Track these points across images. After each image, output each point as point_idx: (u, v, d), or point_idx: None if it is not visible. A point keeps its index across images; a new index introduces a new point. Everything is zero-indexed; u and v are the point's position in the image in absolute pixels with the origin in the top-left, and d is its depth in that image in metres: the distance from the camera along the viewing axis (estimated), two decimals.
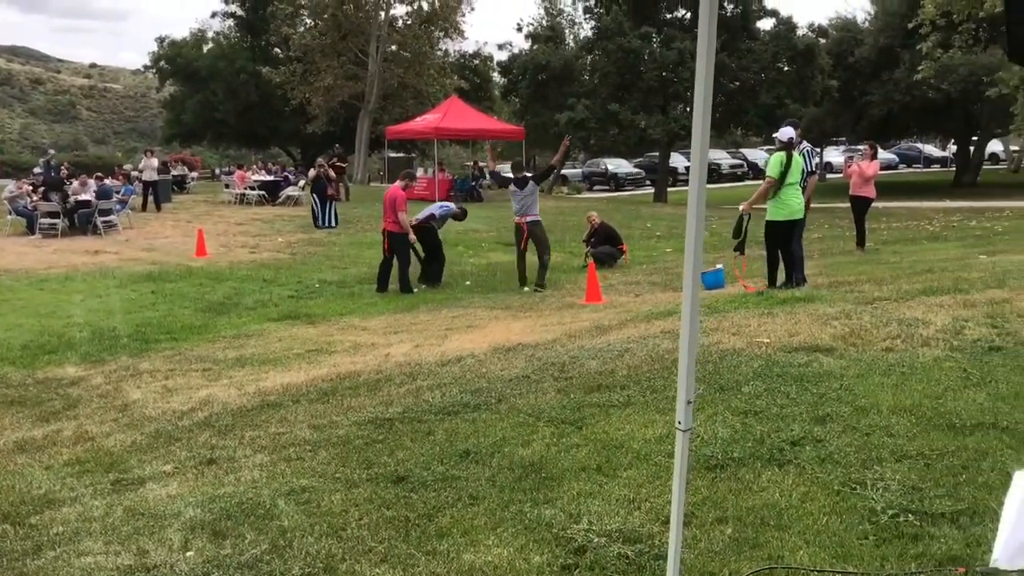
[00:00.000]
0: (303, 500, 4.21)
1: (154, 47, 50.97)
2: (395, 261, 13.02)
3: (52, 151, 37.56)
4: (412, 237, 13.01)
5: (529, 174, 13.20)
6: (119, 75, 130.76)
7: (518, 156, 33.11)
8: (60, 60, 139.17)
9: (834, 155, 46.25)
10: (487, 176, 13.11)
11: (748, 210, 9.97)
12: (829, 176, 41.78)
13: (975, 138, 37.17)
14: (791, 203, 9.65)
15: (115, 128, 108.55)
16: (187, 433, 5.85)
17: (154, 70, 51.43)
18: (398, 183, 13.37)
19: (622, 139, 32.87)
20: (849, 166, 14.74)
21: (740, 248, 10.44)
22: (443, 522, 3.80)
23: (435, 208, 14.25)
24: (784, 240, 9.87)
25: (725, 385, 5.41)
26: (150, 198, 25.10)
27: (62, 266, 15.39)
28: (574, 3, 36.35)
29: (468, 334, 9.00)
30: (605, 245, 14.92)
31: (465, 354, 7.50)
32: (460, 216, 14.81)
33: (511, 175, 13.15)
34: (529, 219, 12.60)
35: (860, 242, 14.55)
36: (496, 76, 46.30)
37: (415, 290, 12.94)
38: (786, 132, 9.76)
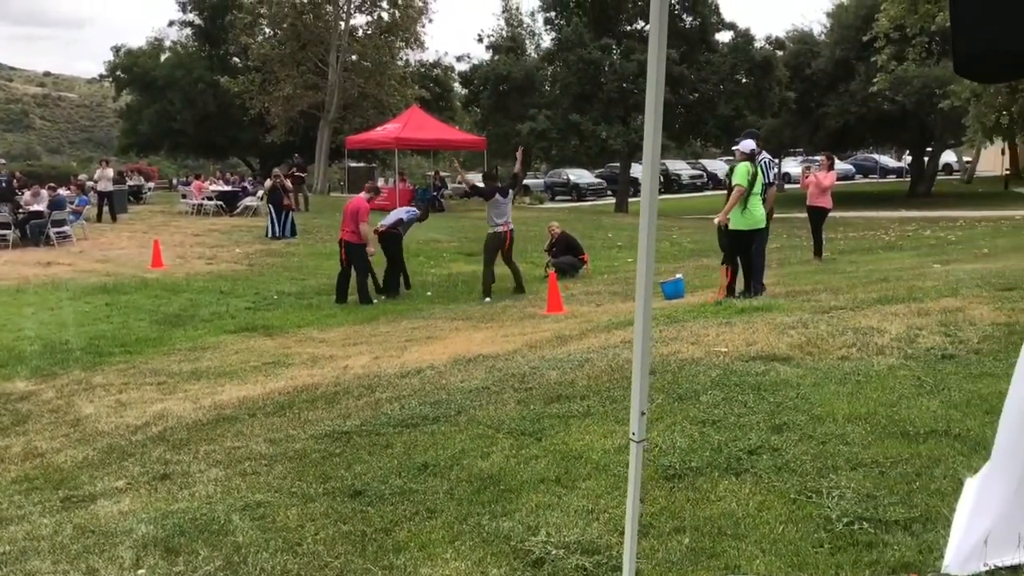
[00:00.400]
0: (258, 515, 4.15)
1: (110, 56, 50.33)
2: (353, 272, 12.95)
3: (2, 160, 36.80)
4: (371, 249, 12.96)
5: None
6: (74, 84, 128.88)
7: (481, 166, 33.23)
8: (12, 68, 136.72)
9: (792, 166, 46.87)
10: (468, 188, 13.19)
11: (724, 221, 10.06)
12: (787, 186, 42.34)
13: (929, 149, 37.87)
14: (755, 213, 9.82)
15: (70, 137, 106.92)
16: (140, 448, 5.75)
17: (110, 79, 50.78)
18: (362, 194, 13.34)
19: (583, 149, 33.01)
20: (807, 177, 14.84)
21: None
22: (400, 536, 3.76)
23: (402, 213, 14.24)
24: (745, 249, 10.01)
25: (683, 394, 5.43)
26: (105, 209, 24.74)
27: (13, 278, 15.09)
28: (533, 15, 36.48)
29: (428, 345, 8.96)
30: (566, 255, 14.97)
31: (425, 366, 7.46)
32: (423, 218, 15.04)
33: (482, 185, 13.27)
34: (512, 226, 12.93)
35: (817, 252, 14.74)
36: (457, 86, 46.32)
37: (374, 301, 12.87)
38: (748, 144, 9.94)
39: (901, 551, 3.22)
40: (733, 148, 10.54)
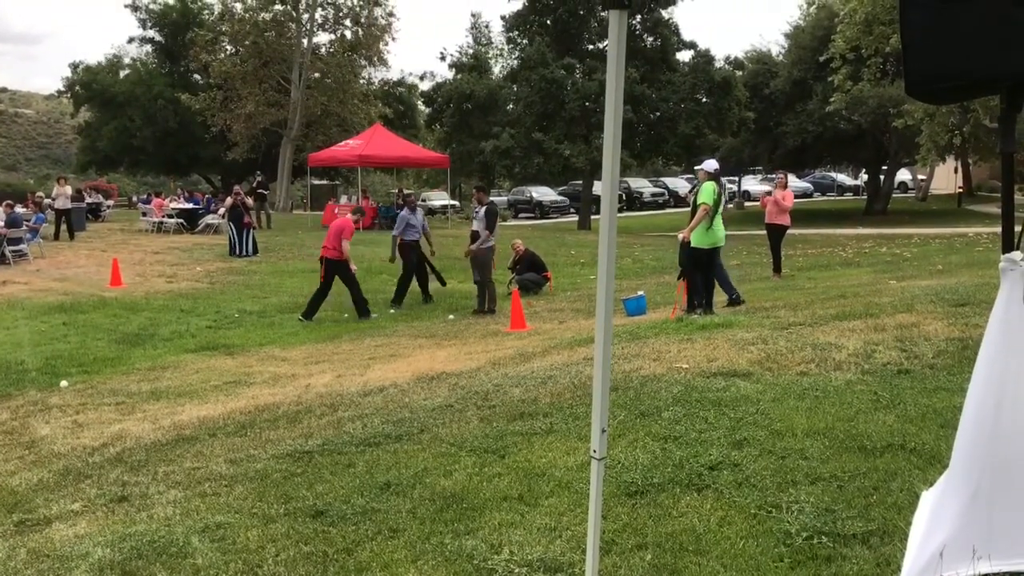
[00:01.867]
0: (218, 537, 4.10)
1: (68, 72, 49.72)
2: (346, 289, 13.16)
3: None
4: (353, 267, 13.11)
5: None
6: (31, 100, 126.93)
7: (444, 183, 33.26)
8: None
9: (751, 184, 47.47)
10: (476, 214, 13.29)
11: (688, 237, 10.18)
12: (747, 204, 42.86)
13: (885, 167, 38.55)
14: (717, 231, 10.09)
15: (26, 154, 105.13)
16: (98, 470, 5.66)
17: (68, 95, 50.15)
18: (350, 216, 13.83)
19: (546, 167, 33.16)
20: (765, 198, 15.25)
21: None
22: (362, 556, 3.73)
23: (411, 219, 14.18)
24: (705, 267, 10.19)
25: (645, 411, 5.46)
26: (63, 227, 24.38)
27: None
28: (505, 32, 36.58)
29: (391, 363, 8.93)
30: (530, 272, 15.01)
31: (388, 384, 7.43)
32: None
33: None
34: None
35: (777, 269, 14.97)
36: (420, 105, 46.38)
37: (373, 315, 13.01)
38: (711, 163, 10.33)
39: (859, 565, 3.26)
40: (696, 168, 10.69)
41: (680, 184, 46.96)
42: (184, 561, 3.85)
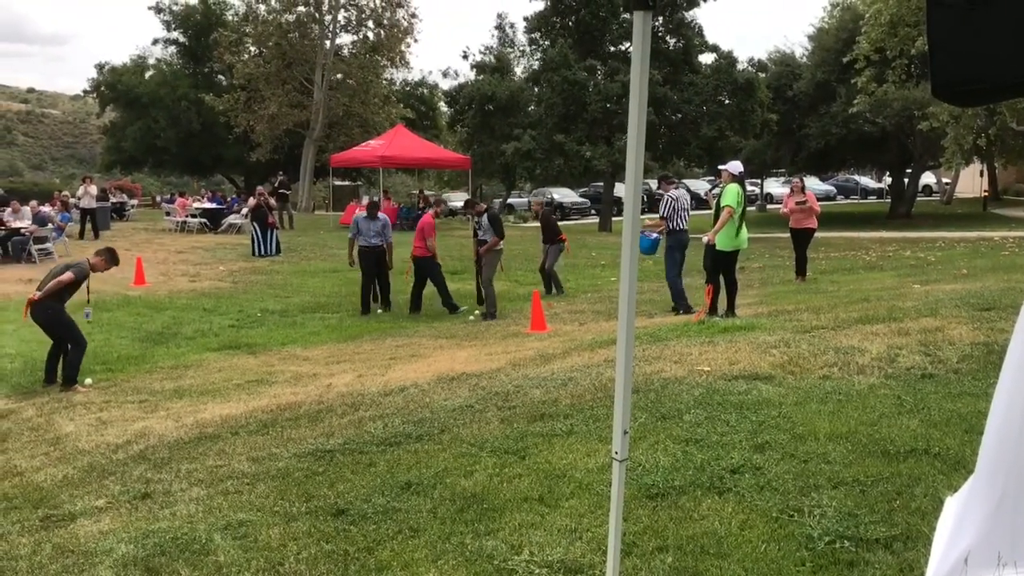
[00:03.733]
0: (240, 534, 4.13)
1: (94, 73, 50.19)
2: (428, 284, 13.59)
3: None
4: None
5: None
6: (58, 100, 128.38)
7: (465, 185, 33.31)
8: None
9: (774, 186, 47.20)
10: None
11: (713, 240, 10.16)
12: (768, 207, 42.62)
13: (909, 170, 38.23)
14: (741, 234, 10.07)
15: (53, 154, 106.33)
16: (121, 467, 5.71)
17: (94, 96, 50.62)
18: (430, 211, 14.12)
19: (567, 169, 33.11)
20: (789, 204, 15.16)
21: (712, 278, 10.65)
22: (383, 555, 3.75)
23: (361, 223, 14.14)
24: (728, 268, 10.17)
25: (666, 413, 5.45)
26: (88, 226, 24.62)
27: None
28: (529, 33, 36.56)
29: (412, 364, 8.96)
30: (546, 235, 14.87)
31: (408, 384, 7.45)
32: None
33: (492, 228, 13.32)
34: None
35: (801, 272, 14.89)
36: (442, 105, 46.48)
37: (462, 308, 13.42)
38: (737, 165, 10.32)
39: (882, 570, 3.24)
40: (720, 169, 10.62)
41: (702, 186, 46.75)
42: (206, 558, 3.88)
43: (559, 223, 15.75)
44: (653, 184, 45.97)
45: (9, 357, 10.29)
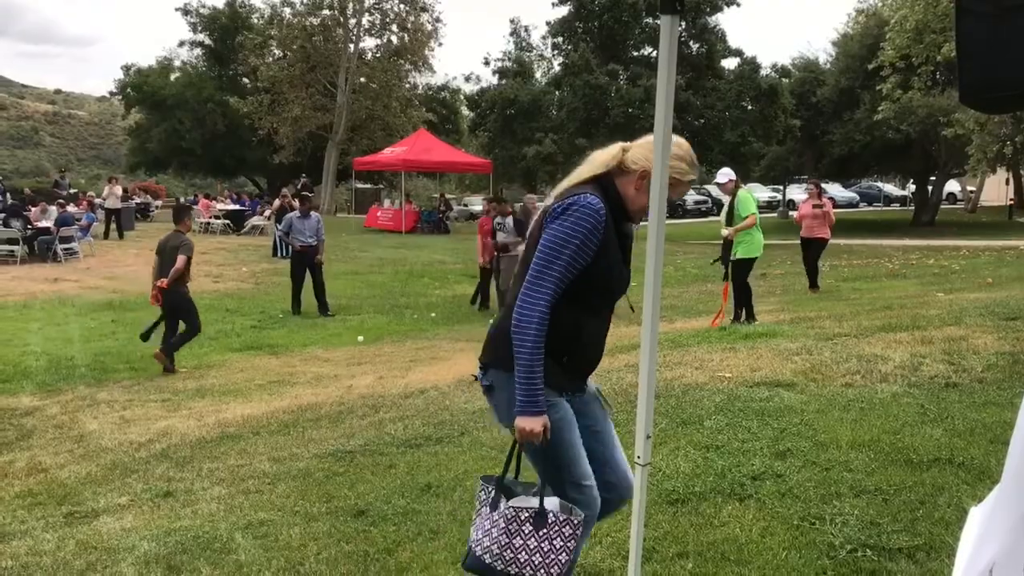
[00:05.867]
0: (261, 534, 4.15)
1: (120, 74, 50.66)
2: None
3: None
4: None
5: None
6: (84, 101, 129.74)
7: (486, 189, 33.38)
8: (24, 85, 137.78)
9: (796, 192, 46.94)
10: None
11: (733, 235, 10.13)
12: (791, 213, 42.37)
13: (933, 178, 37.93)
14: (760, 241, 10.04)
15: (79, 155, 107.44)
16: (144, 465, 5.76)
17: (120, 97, 51.07)
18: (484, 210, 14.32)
19: None
20: (806, 209, 14.10)
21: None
22: (403, 557, 3.76)
23: (295, 222, 14.10)
24: (745, 276, 10.14)
25: (687, 419, 5.43)
26: (112, 226, 24.85)
27: (20, 293, 15.15)
28: (544, 38, 36.68)
29: (432, 366, 8.98)
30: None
31: (429, 386, 7.46)
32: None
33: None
34: None
35: (813, 284, 14.19)
36: (464, 109, 46.58)
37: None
38: (731, 172, 10.12)
39: None
40: (722, 181, 10.28)
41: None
42: (227, 557, 3.90)
43: None
44: None
45: (35, 355, 10.41)
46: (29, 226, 20.11)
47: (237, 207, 30.53)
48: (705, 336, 8.74)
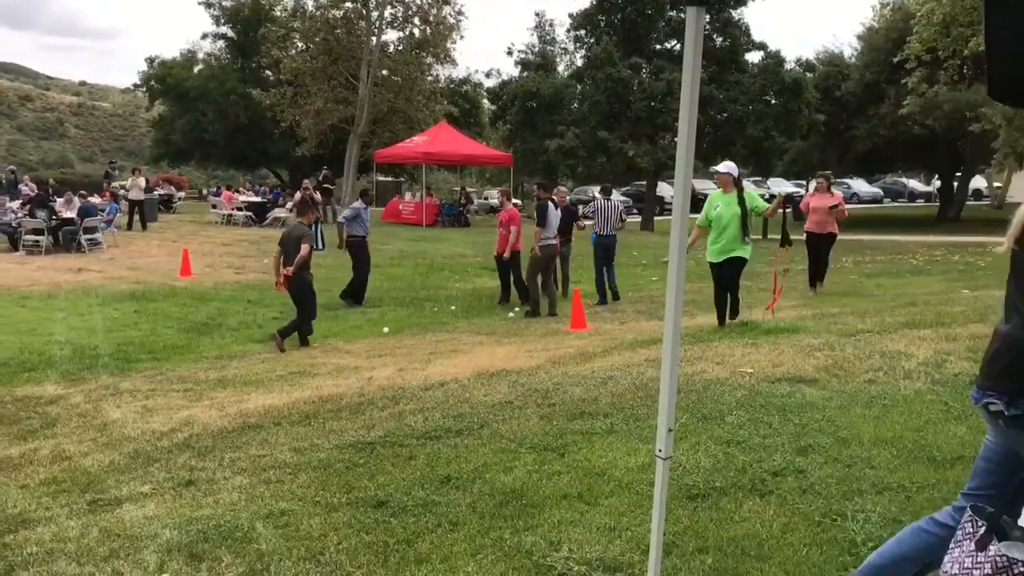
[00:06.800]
0: (282, 523, 4.17)
1: (144, 66, 50.98)
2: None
3: (12, 167, 37.37)
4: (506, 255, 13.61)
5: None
6: (108, 93, 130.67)
7: (507, 182, 33.36)
8: (50, 77, 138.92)
9: None
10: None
11: (773, 212, 10.22)
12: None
13: (959, 174, 37.56)
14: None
15: (103, 146, 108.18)
16: (166, 454, 5.80)
17: (144, 89, 51.37)
18: (509, 204, 14.04)
19: (610, 167, 33.00)
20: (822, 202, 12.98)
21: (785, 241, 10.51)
22: (423, 548, 3.77)
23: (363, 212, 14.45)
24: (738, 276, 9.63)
25: (708, 414, 5.42)
26: (136, 217, 25.03)
27: (45, 283, 15.30)
28: (568, 31, 36.53)
29: (452, 359, 8.99)
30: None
31: (448, 379, 7.48)
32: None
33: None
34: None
35: (818, 280, 13.32)
36: (485, 102, 46.54)
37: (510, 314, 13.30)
38: (733, 165, 9.76)
39: None
40: (722, 173, 9.60)
41: (746, 186, 46.30)
42: (248, 546, 3.93)
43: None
44: (697, 184, 45.73)
45: (59, 344, 10.51)
46: (54, 216, 20.28)
47: (259, 199, 30.65)
48: (727, 331, 8.70)
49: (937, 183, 44.38)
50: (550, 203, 12.91)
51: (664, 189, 39.28)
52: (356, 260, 14.13)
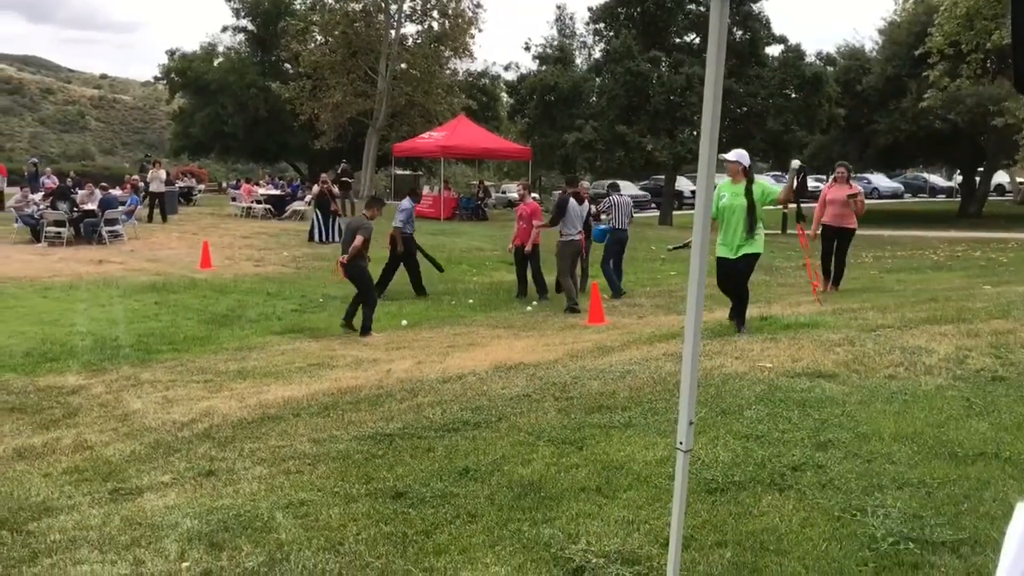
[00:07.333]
0: (301, 513, 4.20)
1: (164, 59, 51.27)
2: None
3: (34, 159, 37.72)
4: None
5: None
6: (128, 86, 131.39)
7: (525, 175, 33.35)
8: (71, 70, 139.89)
9: None
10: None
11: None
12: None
13: (981, 169, 37.23)
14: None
15: (123, 139, 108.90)
16: (186, 444, 5.84)
17: (164, 82, 51.66)
18: (530, 198, 14.16)
19: (628, 161, 32.93)
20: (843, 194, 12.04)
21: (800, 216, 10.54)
22: (441, 539, 3.78)
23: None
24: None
25: (727, 409, 5.40)
26: (156, 209, 25.20)
27: (66, 275, 15.42)
28: (587, 24, 36.45)
29: (470, 352, 9.00)
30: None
31: (466, 372, 7.49)
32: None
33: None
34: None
35: (837, 280, 12.53)
36: (504, 96, 46.51)
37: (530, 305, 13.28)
38: (745, 154, 9.09)
39: (948, 573, 3.18)
40: (732, 161, 8.93)
41: (766, 180, 46.06)
42: (268, 536, 3.95)
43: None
44: (715, 178, 45.52)
45: (80, 335, 10.59)
46: (76, 208, 20.44)
47: (278, 192, 30.78)
48: (746, 326, 8.66)
49: (959, 178, 44.03)
50: (573, 198, 12.87)
51: (683, 183, 39.16)
52: (405, 255, 14.36)
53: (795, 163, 8.55)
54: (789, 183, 8.41)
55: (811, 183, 13.32)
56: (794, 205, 9.51)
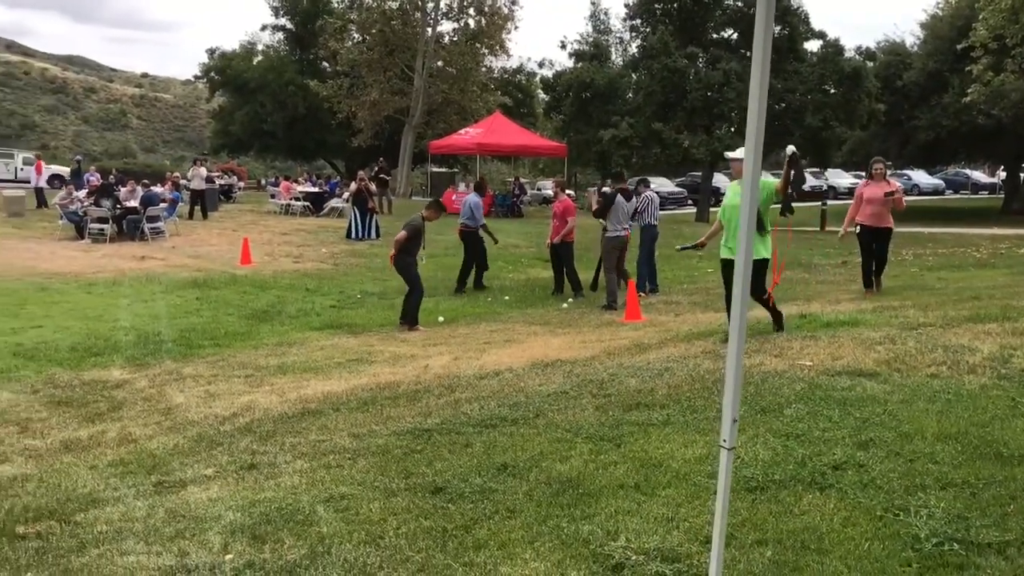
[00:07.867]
0: (342, 507, 4.24)
1: (204, 58, 51.89)
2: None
3: (79, 157, 38.38)
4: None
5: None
6: (169, 85, 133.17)
7: (561, 172, 33.28)
8: (113, 69, 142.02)
9: None
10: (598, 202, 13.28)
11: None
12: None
13: None
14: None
15: (164, 137, 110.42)
16: (229, 438, 5.93)
17: (204, 80, 52.30)
18: (563, 195, 14.26)
19: (664, 158, 32.72)
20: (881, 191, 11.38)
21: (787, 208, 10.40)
22: (480, 534, 3.80)
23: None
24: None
25: (767, 407, 5.37)
26: (196, 206, 25.52)
27: (110, 271, 15.69)
28: (624, 20, 36.25)
29: (507, 349, 9.02)
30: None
31: (503, 368, 7.51)
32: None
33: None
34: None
35: (876, 280, 11.97)
36: (540, 93, 46.48)
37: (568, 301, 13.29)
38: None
39: (993, 575, 3.14)
40: (734, 157, 8.20)
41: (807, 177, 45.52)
42: (310, 529, 4.00)
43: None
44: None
45: (124, 330, 10.77)
46: (118, 205, 20.77)
47: (316, 190, 31.04)
48: (785, 324, 8.58)
49: (1002, 174, 43.25)
50: (620, 195, 12.85)
51: (719, 180, 38.85)
52: (468, 249, 14.70)
53: (789, 149, 7.70)
54: (785, 171, 7.70)
55: (850, 179, 12.92)
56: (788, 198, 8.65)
